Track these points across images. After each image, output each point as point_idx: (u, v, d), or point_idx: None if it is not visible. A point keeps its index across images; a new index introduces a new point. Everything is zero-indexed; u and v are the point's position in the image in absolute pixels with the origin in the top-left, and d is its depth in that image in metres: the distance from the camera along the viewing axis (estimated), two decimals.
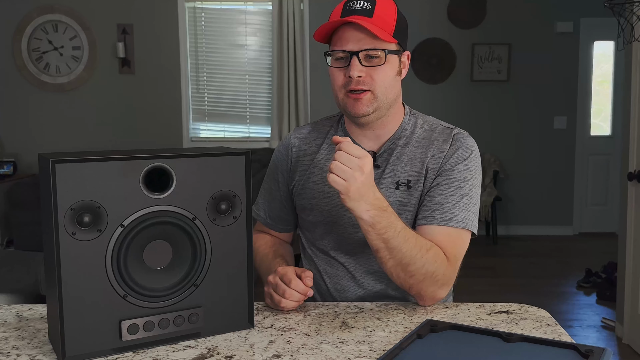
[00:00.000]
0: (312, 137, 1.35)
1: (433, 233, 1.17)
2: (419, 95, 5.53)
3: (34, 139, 5.42)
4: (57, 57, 5.39)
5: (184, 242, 0.98)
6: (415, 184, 1.23)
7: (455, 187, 1.20)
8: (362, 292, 1.29)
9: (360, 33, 1.15)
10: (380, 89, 1.19)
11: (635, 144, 2.92)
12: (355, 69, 1.16)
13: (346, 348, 0.97)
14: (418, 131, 1.28)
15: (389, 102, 1.22)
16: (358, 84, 1.17)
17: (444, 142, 1.25)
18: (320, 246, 1.32)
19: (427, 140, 1.26)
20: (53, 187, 0.87)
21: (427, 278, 1.12)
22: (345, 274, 1.29)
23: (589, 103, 5.66)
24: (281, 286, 1.11)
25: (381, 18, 1.16)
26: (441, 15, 5.51)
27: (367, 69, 1.17)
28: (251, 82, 5.54)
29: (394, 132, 1.28)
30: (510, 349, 0.92)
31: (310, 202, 1.30)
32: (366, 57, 1.17)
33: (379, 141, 1.28)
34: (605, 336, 3.21)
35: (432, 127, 1.29)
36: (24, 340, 1.01)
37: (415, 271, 1.11)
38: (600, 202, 5.72)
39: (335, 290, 1.30)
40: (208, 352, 0.96)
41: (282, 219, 1.39)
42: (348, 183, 1.03)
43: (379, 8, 1.16)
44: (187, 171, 0.97)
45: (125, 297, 0.94)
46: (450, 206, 1.19)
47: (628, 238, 2.99)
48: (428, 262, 1.11)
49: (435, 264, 1.12)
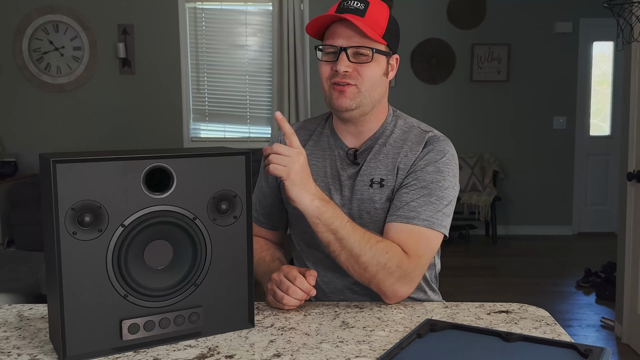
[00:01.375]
0: (300, 135, 1.37)
1: (395, 230, 1.20)
2: (418, 96, 5.53)
3: (35, 139, 5.42)
4: (57, 57, 5.39)
5: (185, 242, 0.99)
6: (388, 183, 1.26)
7: (423, 187, 1.22)
8: (347, 282, 1.30)
9: (351, 30, 1.20)
10: (365, 85, 1.22)
11: (635, 144, 2.92)
12: (342, 64, 1.20)
13: (346, 347, 0.97)
14: (397, 132, 1.31)
15: (373, 100, 1.25)
16: (344, 77, 1.22)
17: (417, 144, 1.28)
18: (306, 240, 1.34)
19: (402, 141, 1.29)
20: (54, 187, 0.87)
21: (380, 270, 1.15)
22: (331, 264, 1.31)
23: (589, 103, 5.67)
24: (285, 283, 1.13)
25: (372, 19, 1.21)
26: (441, 16, 5.51)
27: (355, 65, 1.22)
28: (251, 82, 5.54)
29: (375, 130, 1.31)
30: (509, 349, 0.92)
31: None
32: (354, 54, 1.21)
33: (361, 139, 1.31)
34: (604, 336, 3.21)
35: (410, 129, 1.32)
36: (25, 340, 1.01)
37: (367, 262, 1.14)
38: (600, 202, 5.72)
39: (323, 283, 1.32)
40: (208, 351, 0.96)
41: (273, 217, 1.42)
42: (288, 168, 1.11)
43: (371, 9, 1.21)
44: (187, 171, 0.97)
45: (125, 297, 0.94)
46: (415, 205, 1.21)
47: (627, 238, 2.99)
48: (378, 253, 1.14)
49: (387, 254, 1.15)
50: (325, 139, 1.35)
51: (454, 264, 4.61)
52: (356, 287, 1.30)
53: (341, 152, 1.32)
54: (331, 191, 1.29)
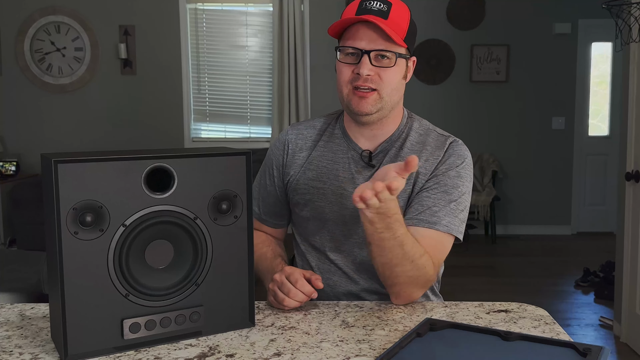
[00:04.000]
0: (309, 134, 1.36)
1: (419, 235, 1.18)
2: (418, 96, 5.53)
3: (37, 139, 5.43)
4: (59, 58, 5.40)
5: (185, 242, 0.99)
6: (405, 187, 1.24)
7: (444, 192, 1.22)
8: (353, 287, 1.30)
9: (374, 33, 1.17)
10: (387, 90, 1.20)
11: (633, 144, 2.92)
12: (365, 67, 1.17)
13: (346, 346, 0.98)
14: (413, 135, 1.29)
15: (392, 104, 1.24)
16: (365, 81, 1.18)
17: (438, 148, 1.27)
18: (312, 242, 1.33)
19: (421, 145, 1.28)
20: (55, 187, 0.88)
21: (412, 282, 1.14)
22: (336, 270, 1.31)
23: (587, 104, 5.67)
24: (287, 285, 1.12)
25: (395, 21, 1.17)
26: (440, 17, 5.52)
27: (376, 69, 1.18)
28: (252, 83, 5.54)
29: (392, 133, 1.29)
30: (509, 348, 0.92)
31: (304, 197, 1.31)
32: (377, 57, 1.18)
33: (376, 141, 1.29)
34: (603, 335, 3.22)
35: (427, 132, 1.30)
36: (26, 339, 1.02)
37: (401, 273, 1.13)
38: (598, 202, 5.73)
39: (327, 286, 1.31)
40: (209, 350, 0.97)
41: (276, 215, 1.40)
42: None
43: (394, 11, 1.18)
44: (188, 171, 0.98)
45: (127, 296, 0.95)
46: (437, 210, 1.20)
47: (626, 237, 3.00)
48: (416, 268, 1.12)
49: (424, 269, 1.14)
50: (336, 140, 1.32)
51: (454, 263, 4.58)
52: (363, 293, 1.30)
53: (355, 154, 1.29)
54: (344, 194, 1.27)
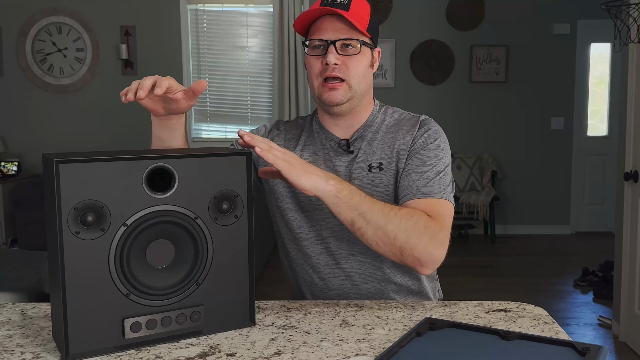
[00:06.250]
0: (292, 131, 1.40)
1: (414, 205, 1.19)
2: (417, 97, 5.54)
3: (38, 139, 5.43)
4: (60, 58, 5.40)
5: (186, 241, 0.99)
6: (388, 166, 1.28)
7: (430, 164, 1.24)
8: (347, 281, 1.31)
9: (338, 23, 1.22)
10: (355, 79, 1.24)
11: (632, 144, 2.93)
12: (332, 56, 1.22)
13: (346, 346, 0.98)
14: (388, 119, 1.34)
15: (362, 92, 1.28)
16: (333, 71, 1.23)
17: (412, 127, 1.30)
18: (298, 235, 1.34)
19: (396, 126, 1.32)
20: (57, 187, 0.88)
21: (410, 234, 1.11)
22: (328, 260, 1.32)
23: (586, 104, 5.68)
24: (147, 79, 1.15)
25: (357, 12, 1.23)
26: (440, 17, 5.52)
27: (343, 58, 1.23)
28: (252, 84, 5.55)
29: (365, 120, 1.33)
30: (508, 347, 0.93)
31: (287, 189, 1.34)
32: (342, 46, 1.23)
33: (351, 130, 1.33)
34: (602, 334, 3.22)
35: (401, 116, 1.35)
36: (28, 338, 1.02)
37: (395, 230, 1.10)
38: (597, 202, 5.74)
39: (320, 280, 1.33)
40: (210, 349, 0.97)
41: None
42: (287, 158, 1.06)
43: (354, 3, 1.24)
44: (189, 171, 0.98)
45: (128, 296, 0.95)
46: (427, 181, 1.22)
47: (624, 237, 3.01)
48: (404, 218, 1.11)
49: (413, 218, 1.12)
50: (315, 134, 1.36)
51: (453, 263, 4.61)
52: (353, 282, 1.32)
53: (333, 143, 1.33)
54: None
